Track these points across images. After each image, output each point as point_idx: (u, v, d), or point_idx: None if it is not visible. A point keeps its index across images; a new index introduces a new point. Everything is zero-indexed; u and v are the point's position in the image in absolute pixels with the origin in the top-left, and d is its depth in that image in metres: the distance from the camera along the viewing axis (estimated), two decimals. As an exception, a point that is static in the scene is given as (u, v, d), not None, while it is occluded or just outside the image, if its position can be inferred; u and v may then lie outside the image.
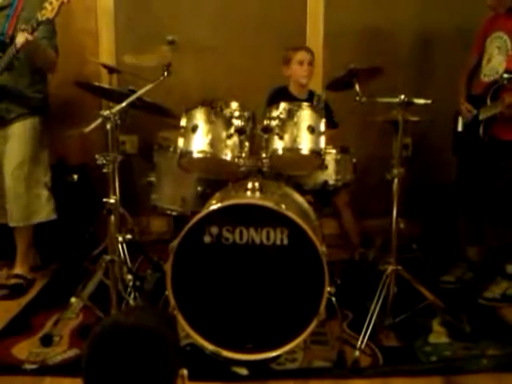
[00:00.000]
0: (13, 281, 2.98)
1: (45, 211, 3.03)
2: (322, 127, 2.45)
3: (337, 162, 2.84)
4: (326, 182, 2.83)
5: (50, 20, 2.62)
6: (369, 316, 2.41)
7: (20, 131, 2.93)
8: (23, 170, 2.92)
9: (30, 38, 2.62)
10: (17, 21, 2.81)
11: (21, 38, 2.63)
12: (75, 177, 3.44)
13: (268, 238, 2.21)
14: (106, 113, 2.35)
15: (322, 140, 2.45)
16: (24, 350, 2.40)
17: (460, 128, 3.04)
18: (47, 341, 2.44)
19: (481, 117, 2.84)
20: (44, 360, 2.32)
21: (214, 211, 2.22)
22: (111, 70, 3.17)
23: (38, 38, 2.76)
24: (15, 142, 2.92)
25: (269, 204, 2.21)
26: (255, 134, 2.47)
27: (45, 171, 3.06)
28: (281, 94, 3.09)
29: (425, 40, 3.71)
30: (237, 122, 2.41)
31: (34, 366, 2.28)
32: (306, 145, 2.41)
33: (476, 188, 2.97)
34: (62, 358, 2.34)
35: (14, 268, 3.06)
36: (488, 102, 2.80)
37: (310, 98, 3.15)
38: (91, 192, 3.46)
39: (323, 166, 2.55)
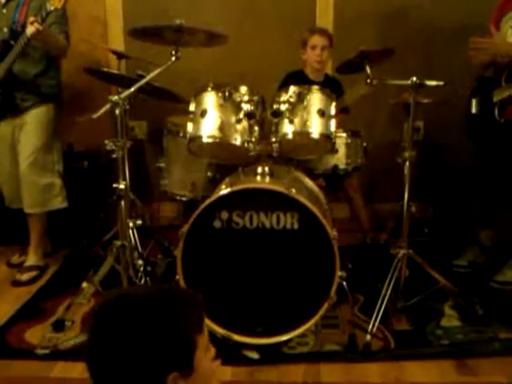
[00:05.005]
0: (26, 276, 2.97)
1: (59, 198, 3.04)
2: (333, 110, 2.43)
3: (347, 145, 2.81)
4: (336, 166, 2.81)
5: (58, 10, 2.63)
6: (380, 300, 2.41)
7: (35, 119, 2.93)
8: (38, 157, 2.93)
9: (40, 28, 2.63)
10: (27, 9, 2.81)
11: (31, 29, 2.64)
12: (85, 163, 3.45)
13: (278, 222, 2.20)
14: (114, 98, 2.34)
15: (333, 123, 2.42)
16: (36, 335, 2.43)
17: (474, 110, 2.99)
18: (59, 326, 2.46)
19: (495, 99, 2.79)
20: (56, 345, 2.34)
21: (223, 196, 2.21)
22: (120, 56, 3.16)
23: (48, 24, 2.75)
24: (30, 129, 2.93)
25: (279, 188, 2.20)
26: (265, 119, 2.45)
27: (58, 159, 3.07)
28: (296, 77, 3.02)
29: (437, 21, 3.64)
30: (246, 107, 2.38)
31: (46, 351, 2.30)
32: (316, 128, 2.39)
33: (491, 171, 2.93)
34: (73, 343, 2.35)
35: (28, 257, 3.07)
36: (502, 83, 2.75)
37: (327, 81, 3.08)
38: (101, 178, 3.46)
39: (334, 150, 2.53)
